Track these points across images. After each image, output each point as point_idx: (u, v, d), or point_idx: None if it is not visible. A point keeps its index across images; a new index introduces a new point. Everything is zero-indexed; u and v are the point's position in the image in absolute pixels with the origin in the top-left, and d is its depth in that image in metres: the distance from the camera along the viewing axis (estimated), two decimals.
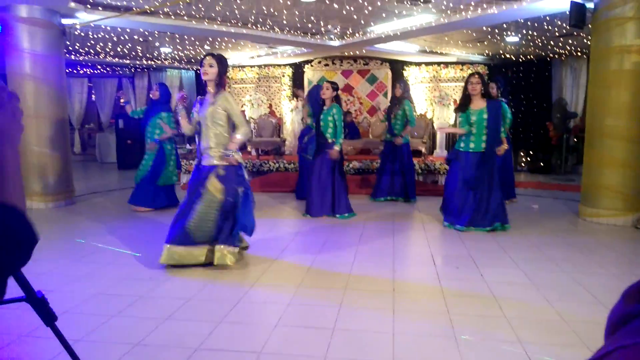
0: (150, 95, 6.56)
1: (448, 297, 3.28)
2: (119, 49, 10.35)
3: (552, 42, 9.23)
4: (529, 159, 11.14)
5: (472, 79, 5.19)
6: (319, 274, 3.76)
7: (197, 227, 3.81)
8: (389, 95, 11.33)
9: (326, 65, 11.87)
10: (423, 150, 9.48)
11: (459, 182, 5.25)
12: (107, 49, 10.35)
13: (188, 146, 11.55)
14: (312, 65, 11.93)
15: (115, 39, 9.06)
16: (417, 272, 3.88)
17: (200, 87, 13.23)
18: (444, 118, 10.80)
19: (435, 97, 10.92)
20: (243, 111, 8.23)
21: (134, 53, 10.94)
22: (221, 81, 3.90)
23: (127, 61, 12.08)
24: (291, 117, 11.64)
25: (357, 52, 10.87)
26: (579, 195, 6.35)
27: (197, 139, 4.02)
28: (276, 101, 12.27)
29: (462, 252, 4.42)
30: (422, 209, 6.71)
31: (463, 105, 5.26)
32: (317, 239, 4.91)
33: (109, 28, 8.06)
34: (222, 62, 3.89)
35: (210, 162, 3.90)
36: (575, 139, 10.52)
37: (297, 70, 12.13)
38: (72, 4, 6.50)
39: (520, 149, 11.09)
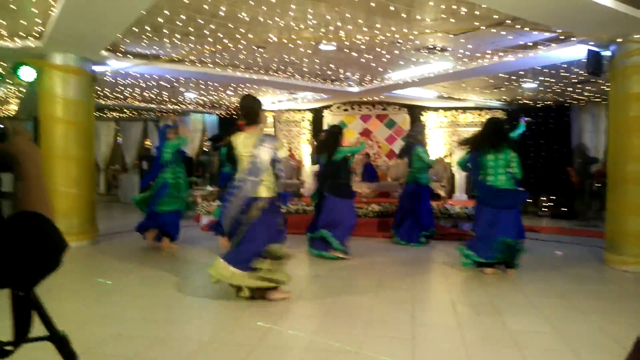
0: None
1: (469, 345, 3.19)
2: (145, 94, 10.74)
3: (569, 89, 9.28)
4: (551, 204, 10.97)
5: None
6: (337, 318, 3.71)
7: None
8: None
9: (345, 110, 12.09)
10: (442, 193, 9.43)
11: None
12: (135, 94, 10.75)
13: (209, 187, 11.70)
14: (331, 110, 12.16)
15: (142, 84, 9.42)
16: (437, 318, 3.80)
17: (222, 129, 13.51)
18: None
19: (454, 141, 10.96)
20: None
21: (159, 98, 11.33)
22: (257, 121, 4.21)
23: (153, 105, 12.50)
24: (310, 160, 11.79)
25: (376, 98, 11.08)
26: (603, 241, 6.20)
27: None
28: (296, 144, 12.46)
29: (483, 299, 4.33)
30: (440, 254, 6.63)
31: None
32: (334, 282, 4.86)
33: (137, 74, 8.40)
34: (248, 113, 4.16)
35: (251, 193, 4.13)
36: (598, 184, 10.37)
37: (317, 115, 12.36)
38: (104, 53, 6.84)
39: (542, 194, 10.96)
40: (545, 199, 10.98)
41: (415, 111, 11.71)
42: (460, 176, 10.89)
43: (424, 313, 3.93)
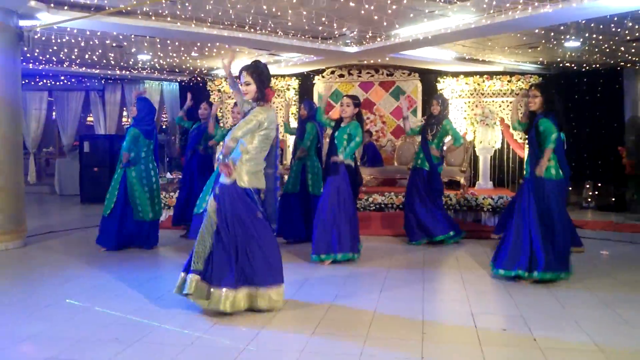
0: (130, 113, 6.85)
1: None
2: (87, 57, 10.64)
3: (622, 48, 9.33)
4: (597, 192, 11.07)
5: (531, 92, 5.45)
6: (330, 335, 3.75)
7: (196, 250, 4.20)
8: (420, 112, 11.46)
9: (341, 76, 12.06)
10: (462, 180, 9.51)
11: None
12: (73, 57, 10.64)
13: (169, 175, 11.70)
14: (323, 76, 12.12)
15: (83, 44, 9.34)
16: (452, 335, 3.86)
17: (185, 101, 13.46)
18: (488, 142, 10.84)
19: (477, 115, 11.00)
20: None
21: (105, 61, 11.24)
22: (263, 96, 4.30)
23: (97, 71, 12.39)
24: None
25: (379, 61, 11.04)
26: None
27: None
28: (279, 119, 12.42)
29: (511, 310, 4.40)
30: (463, 256, 6.70)
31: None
32: (328, 290, 4.92)
33: (75, 31, 8.32)
34: (259, 74, 4.27)
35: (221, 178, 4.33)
36: None
37: (305, 82, 12.33)
38: (33, 3, 6.76)
39: (586, 181, 11.05)
40: (589, 186, 11.07)
41: (429, 77, 11.71)
42: (483, 159, 10.95)
43: (437, 328, 3.98)
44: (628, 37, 8.52)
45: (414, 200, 7.23)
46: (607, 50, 9.48)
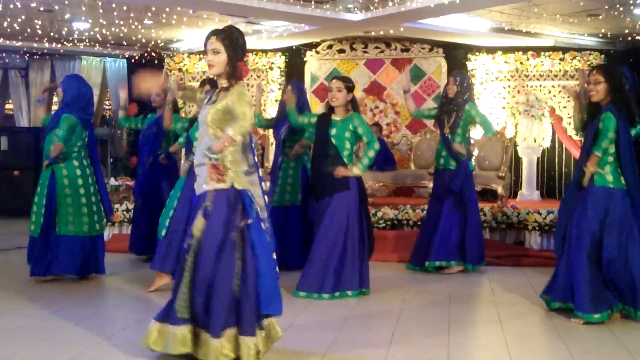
0: (55, 95, 6.78)
1: None
2: (5, 25, 10.60)
3: None
4: None
5: (591, 76, 5.40)
6: None
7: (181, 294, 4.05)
8: None
9: (341, 51, 12.08)
10: (500, 189, 9.49)
11: None
12: None
13: (113, 181, 11.63)
14: (317, 52, 12.14)
15: (0, 7, 9.29)
16: None
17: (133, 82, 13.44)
18: (534, 139, 10.85)
19: (520, 103, 11.00)
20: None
21: (29, 31, 11.19)
22: (234, 72, 4.16)
23: (18, 43, 12.33)
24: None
25: (391, 32, 11.05)
26: None
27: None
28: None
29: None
30: (498, 287, 6.70)
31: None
32: (322, 335, 4.90)
33: None
34: (232, 42, 4.13)
35: (200, 188, 4.17)
36: None
37: (294, 59, 12.36)
38: None
39: None
40: None
41: (456, 54, 11.73)
42: (528, 161, 10.95)
43: None
44: None
45: (435, 213, 7.26)
46: None
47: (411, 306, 5.93)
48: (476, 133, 8.13)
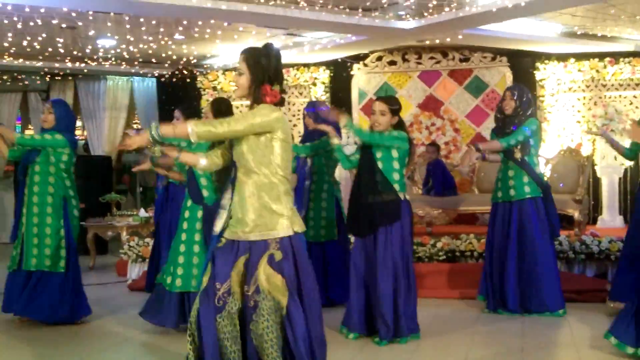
0: (42, 122, 6.98)
1: None
2: (25, 44, 10.78)
3: None
4: None
5: None
6: None
7: None
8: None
9: (392, 63, 12.12)
10: (577, 215, 9.37)
11: None
12: (6, 44, 10.81)
13: (143, 212, 11.75)
14: (365, 65, 12.19)
15: (20, 25, 9.47)
16: None
17: (165, 103, 13.63)
18: (614, 157, 10.68)
19: (597, 116, 10.88)
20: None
21: (51, 50, 11.39)
22: (259, 94, 4.11)
23: (39, 64, 12.54)
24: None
25: (449, 40, 11.05)
26: None
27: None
28: (301, 129, 12.44)
29: None
30: (579, 327, 6.58)
31: None
32: None
33: (10, 8, 8.46)
34: (255, 62, 4.11)
35: (245, 235, 4.03)
36: None
37: (339, 74, 12.43)
38: None
39: None
40: None
41: (522, 63, 11.67)
42: (609, 182, 10.79)
43: None
44: None
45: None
46: None
47: (477, 350, 5.89)
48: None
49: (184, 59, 12.56)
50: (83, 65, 12.85)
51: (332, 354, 5.73)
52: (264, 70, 4.09)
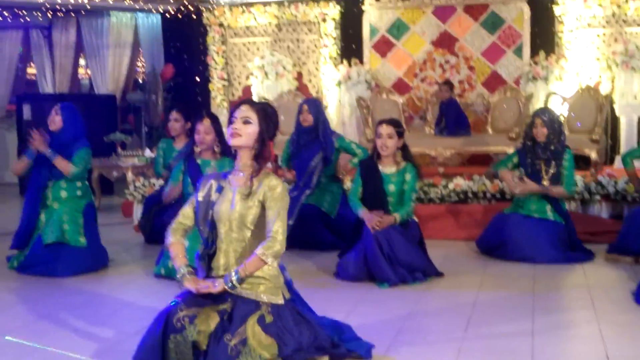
0: (49, 124, 6.88)
1: None
2: None
3: None
4: None
5: None
6: None
7: None
8: (526, 51, 11.39)
9: None
10: (594, 155, 9.33)
11: None
12: None
13: (148, 152, 11.76)
14: (377, 0, 12.03)
15: None
16: None
17: (170, 40, 13.57)
18: (634, 95, 10.59)
19: (617, 53, 10.75)
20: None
21: None
22: (263, 152, 3.99)
23: (40, 0, 12.47)
24: (338, 95, 11.87)
25: None
26: None
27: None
28: (310, 67, 12.41)
29: None
30: (592, 269, 6.60)
31: None
32: (387, 325, 4.93)
33: None
34: (267, 116, 4.00)
35: (235, 289, 3.95)
36: None
37: (350, 9, 12.29)
38: None
39: None
40: None
41: None
42: (627, 121, 10.71)
43: None
44: None
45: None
46: None
47: (488, 291, 5.91)
48: None
49: None
50: (86, 1, 12.77)
51: (337, 297, 5.81)
52: (274, 126, 4.03)
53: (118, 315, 5.34)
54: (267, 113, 3.98)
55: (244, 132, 3.89)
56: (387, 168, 6.28)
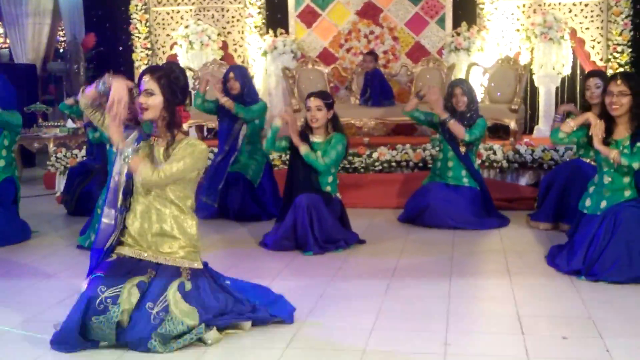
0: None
1: None
2: None
3: None
4: None
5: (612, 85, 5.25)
6: (312, 346, 3.97)
7: None
8: (448, 23, 11.52)
9: None
10: (513, 124, 9.54)
11: None
12: None
13: (71, 123, 11.65)
14: None
15: None
16: (489, 345, 4.04)
17: (92, 11, 13.40)
18: (552, 66, 10.86)
19: (536, 24, 10.91)
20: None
21: None
22: (173, 120, 4.07)
23: None
24: (264, 65, 11.89)
25: None
26: None
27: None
28: (235, 36, 12.37)
29: (576, 312, 4.57)
30: (508, 234, 6.86)
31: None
32: (310, 290, 5.09)
33: None
34: (171, 83, 4.04)
35: (154, 256, 4.09)
36: None
37: None
38: None
39: None
40: None
41: None
42: (546, 91, 11.01)
43: (466, 337, 4.16)
44: None
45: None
46: None
47: (407, 252, 6.17)
48: None
49: None
50: None
51: (261, 265, 5.97)
52: (181, 91, 4.10)
53: (39, 287, 5.38)
54: (170, 80, 4.01)
55: (149, 105, 3.97)
56: (316, 137, 6.39)
